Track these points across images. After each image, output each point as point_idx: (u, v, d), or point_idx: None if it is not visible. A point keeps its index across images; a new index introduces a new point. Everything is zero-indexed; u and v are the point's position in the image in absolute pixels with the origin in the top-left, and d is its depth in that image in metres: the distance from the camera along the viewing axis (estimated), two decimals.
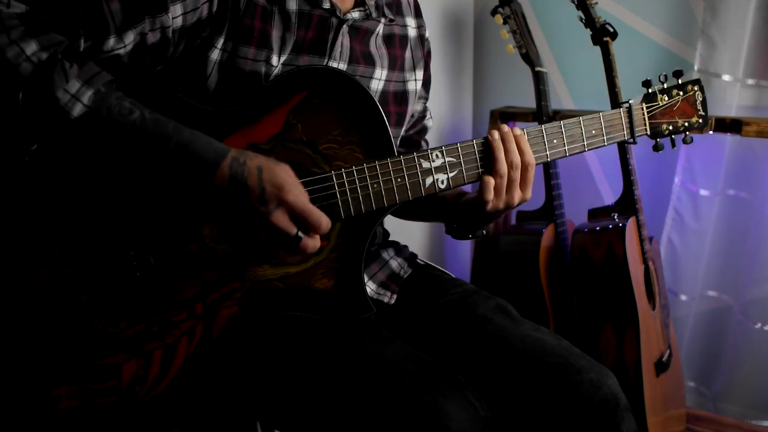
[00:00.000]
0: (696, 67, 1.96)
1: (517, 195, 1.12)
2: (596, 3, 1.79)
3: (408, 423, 0.95)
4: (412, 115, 1.36)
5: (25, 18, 0.87)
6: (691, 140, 1.29)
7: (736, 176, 2.04)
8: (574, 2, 1.80)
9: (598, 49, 1.80)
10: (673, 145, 1.30)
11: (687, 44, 2.03)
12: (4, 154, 0.93)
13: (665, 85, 1.26)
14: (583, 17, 1.79)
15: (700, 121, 1.28)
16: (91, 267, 0.97)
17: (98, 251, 0.97)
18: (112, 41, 0.93)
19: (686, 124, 1.27)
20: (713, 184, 2.05)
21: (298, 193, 0.93)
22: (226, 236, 1.00)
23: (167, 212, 0.99)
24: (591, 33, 1.80)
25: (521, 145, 1.10)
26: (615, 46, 1.78)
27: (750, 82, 1.97)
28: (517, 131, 1.10)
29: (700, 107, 1.28)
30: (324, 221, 0.95)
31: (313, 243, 0.96)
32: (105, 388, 0.98)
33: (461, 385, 1.00)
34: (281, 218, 0.93)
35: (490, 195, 1.10)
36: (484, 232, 1.27)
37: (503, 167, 1.09)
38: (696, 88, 1.27)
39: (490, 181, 1.09)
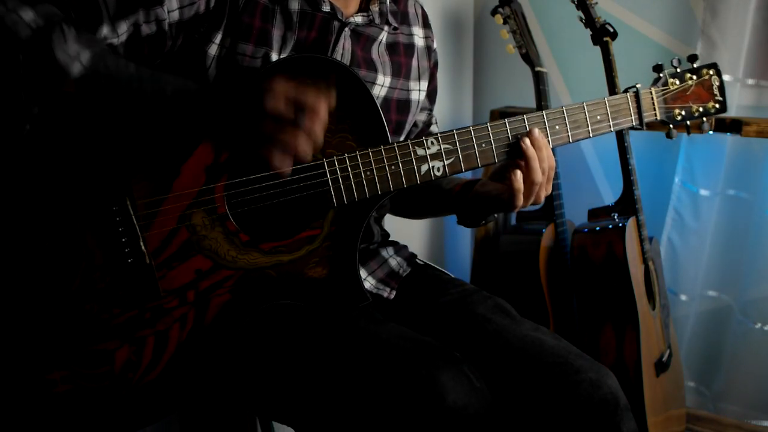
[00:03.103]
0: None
1: (543, 194, 1.14)
2: (596, 3, 1.79)
3: (404, 397, 0.95)
4: (416, 125, 1.36)
5: None
6: (708, 129, 1.24)
7: (736, 176, 2.04)
8: (574, 2, 1.80)
9: (598, 49, 1.79)
10: (689, 133, 1.25)
11: (687, 44, 2.03)
12: (4, 124, 0.93)
13: (678, 70, 1.21)
14: (583, 17, 1.79)
15: (717, 106, 1.23)
16: (83, 252, 0.97)
17: (91, 236, 0.97)
18: (105, 30, 0.95)
19: (701, 109, 1.22)
20: (713, 184, 2.05)
21: (287, 83, 0.93)
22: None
23: (160, 196, 0.99)
24: (591, 33, 1.80)
25: (549, 151, 1.11)
26: (615, 46, 1.78)
27: (750, 82, 1.97)
28: (544, 140, 1.10)
29: (717, 92, 1.22)
30: (321, 98, 0.92)
31: (312, 123, 0.92)
32: (98, 374, 0.98)
33: (456, 359, 1.01)
34: (274, 99, 0.91)
35: (520, 201, 1.11)
36: (496, 216, 1.27)
37: (538, 176, 1.10)
38: (712, 73, 1.22)
39: (521, 187, 1.10)
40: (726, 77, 1.93)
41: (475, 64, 2.44)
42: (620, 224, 1.77)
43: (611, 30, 1.77)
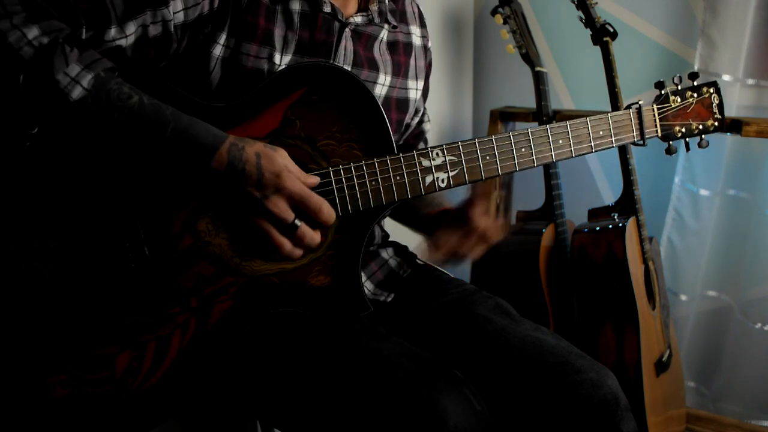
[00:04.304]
0: (696, 67, 1.96)
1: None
2: (596, 3, 1.79)
3: (405, 419, 0.95)
4: (409, 125, 1.36)
5: (26, 3, 0.88)
6: (707, 144, 1.26)
7: (736, 176, 2.04)
8: (574, 2, 1.80)
9: (598, 49, 1.80)
10: (688, 149, 1.27)
11: (687, 44, 2.03)
12: (4, 141, 0.93)
13: (679, 87, 1.23)
14: (583, 17, 1.79)
15: (716, 124, 1.25)
16: (87, 257, 0.97)
17: (94, 242, 0.97)
18: (113, 31, 0.94)
19: (701, 126, 1.24)
20: (713, 184, 2.05)
21: (296, 180, 0.94)
22: (224, 225, 1.00)
23: (163, 203, 0.99)
24: (591, 33, 1.80)
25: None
26: (615, 46, 1.78)
27: (750, 82, 1.97)
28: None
29: (716, 110, 1.25)
30: (325, 207, 0.96)
31: (311, 234, 0.97)
32: (98, 378, 0.98)
33: (458, 380, 1.00)
34: (278, 204, 0.93)
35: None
36: None
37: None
38: (712, 91, 1.24)
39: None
40: (726, 77, 1.93)
41: (475, 64, 2.44)
42: (620, 224, 1.77)
43: (611, 30, 1.77)
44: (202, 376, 1.03)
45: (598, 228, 1.81)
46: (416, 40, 1.30)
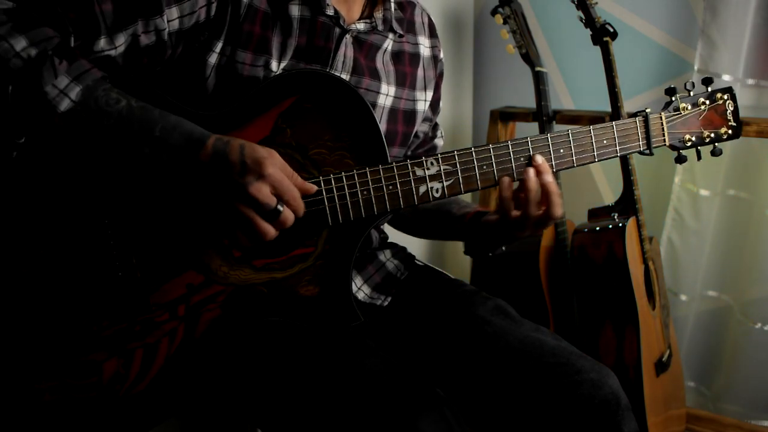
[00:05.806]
0: (696, 67, 1.96)
1: (548, 222, 1.11)
2: (596, 3, 1.79)
3: None
4: (417, 136, 1.34)
5: (12, 14, 0.88)
6: (720, 152, 1.18)
7: (736, 176, 2.04)
8: (574, 2, 1.80)
9: (598, 49, 1.79)
10: (699, 158, 1.19)
11: (687, 44, 2.03)
12: None
13: (691, 93, 1.16)
14: (583, 17, 1.79)
15: (730, 132, 1.17)
16: (74, 265, 0.97)
17: (82, 249, 0.97)
18: (102, 42, 0.94)
19: (713, 135, 1.17)
20: (713, 184, 2.05)
21: (278, 168, 0.93)
22: (210, 217, 0.99)
23: (151, 212, 0.99)
24: (591, 33, 1.79)
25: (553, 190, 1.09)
26: (615, 46, 1.78)
27: (750, 82, 1.97)
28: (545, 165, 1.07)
29: (730, 117, 1.17)
30: (300, 206, 0.96)
31: (292, 218, 0.96)
32: (85, 384, 0.98)
33: (438, 401, 0.98)
34: (261, 190, 0.92)
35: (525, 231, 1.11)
36: (504, 248, 1.23)
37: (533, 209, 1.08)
38: (726, 97, 1.17)
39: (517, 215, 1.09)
40: (726, 77, 1.93)
41: (475, 64, 2.44)
42: (620, 224, 1.77)
43: (611, 30, 1.77)
44: (190, 383, 1.03)
45: (598, 228, 1.80)
46: (424, 51, 1.28)
